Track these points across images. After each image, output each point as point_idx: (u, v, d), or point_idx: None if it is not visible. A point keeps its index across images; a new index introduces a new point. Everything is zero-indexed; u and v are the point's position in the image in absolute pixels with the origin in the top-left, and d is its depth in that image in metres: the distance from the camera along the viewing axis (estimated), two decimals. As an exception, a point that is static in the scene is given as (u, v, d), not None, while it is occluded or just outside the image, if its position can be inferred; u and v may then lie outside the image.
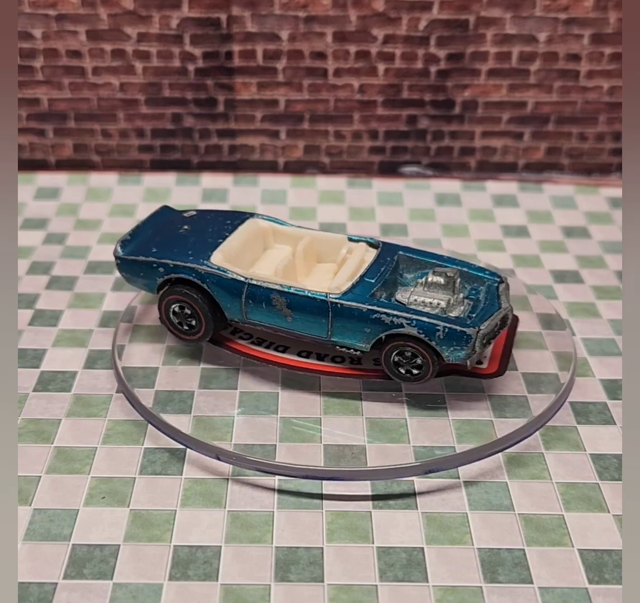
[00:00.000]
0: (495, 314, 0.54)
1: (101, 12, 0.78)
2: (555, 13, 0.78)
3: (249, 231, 0.61)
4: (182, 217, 0.64)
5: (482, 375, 0.56)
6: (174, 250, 0.58)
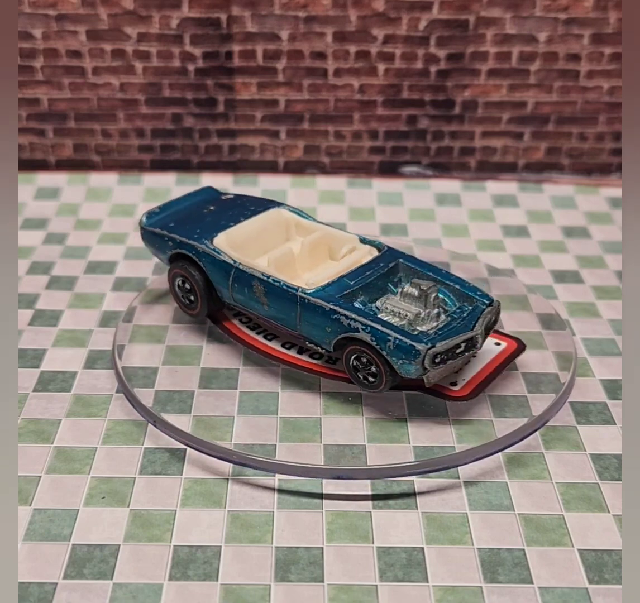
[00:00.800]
0: (459, 335, 0.52)
1: (101, 12, 0.78)
2: (555, 13, 0.78)
3: (268, 220, 0.62)
4: (216, 198, 0.65)
5: (447, 396, 0.54)
6: (186, 227, 0.61)
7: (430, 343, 0.51)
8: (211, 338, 0.62)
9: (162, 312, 0.65)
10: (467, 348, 0.53)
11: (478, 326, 0.53)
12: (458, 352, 0.52)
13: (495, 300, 0.55)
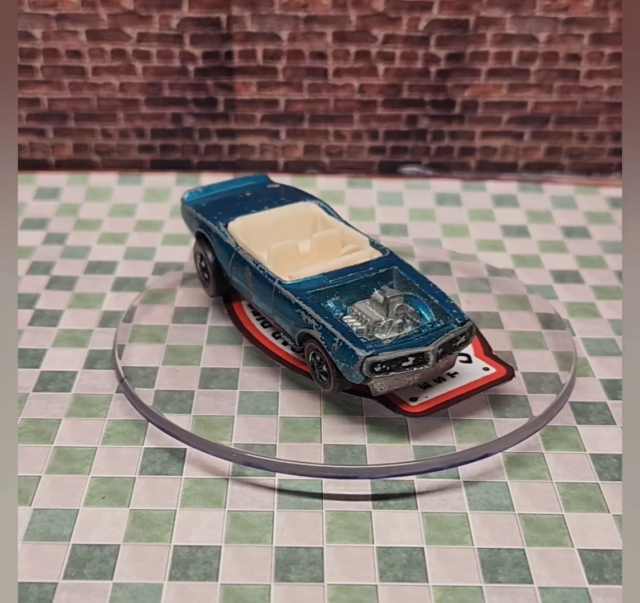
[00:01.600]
0: (407, 349, 0.51)
1: (101, 12, 0.78)
2: (555, 13, 0.78)
3: (293, 212, 0.62)
4: (261, 186, 0.66)
5: (399, 409, 0.53)
6: (213, 209, 0.63)
7: (371, 351, 0.50)
8: (211, 338, 0.62)
9: (162, 312, 0.65)
10: (416, 364, 0.51)
11: (433, 344, 0.51)
12: (405, 365, 0.51)
13: (468, 321, 0.53)
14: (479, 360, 0.57)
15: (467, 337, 0.53)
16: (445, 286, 0.67)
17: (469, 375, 0.56)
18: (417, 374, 0.52)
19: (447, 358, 0.53)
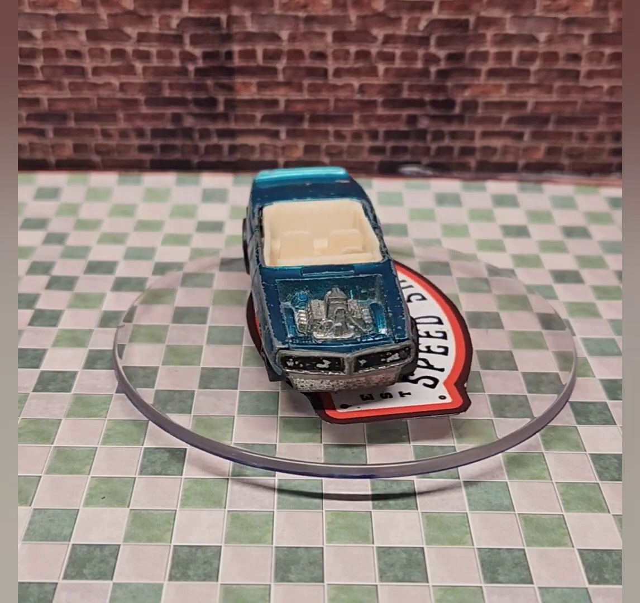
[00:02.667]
0: (321, 351, 0.50)
1: (101, 12, 0.78)
2: (555, 13, 0.78)
3: (332, 207, 0.63)
4: (329, 179, 0.66)
5: (321, 411, 0.52)
6: (266, 192, 0.64)
7: (285, 345, 0.50)
8: (211, 338, 0.62)
9: (162, 312, 0.65)
10: (331, 368, 0.50)
11: (352, 352, 0.50)
12: (320, 367, 0.50)
13: (406, 340, 0.51)
14: (442, 388, 0.54)
15: (403, 356, 0.51)
16: (445, 286, 0.67)
17: (419, 398, 0.54)
18: (338, 379, 0.51)
19: (379, 373, 0.51)
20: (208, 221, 0.77)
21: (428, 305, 0.62)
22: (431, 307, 0.62)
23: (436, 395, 0.54)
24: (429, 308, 0.62)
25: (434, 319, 0.61)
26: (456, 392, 0.54)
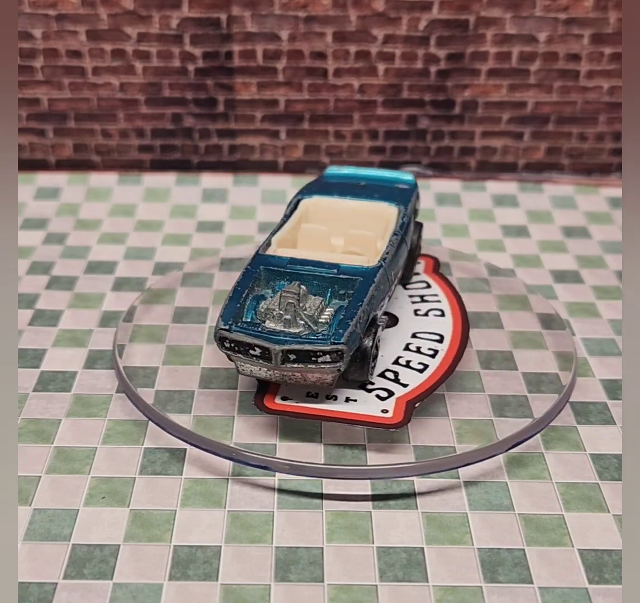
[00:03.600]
0: (255, 338, 0.51)
1: (101, 12, 0.78)
2: (555, 13, 0.78)
3: (368, 208, 0.63)
4: (390, 182, 0.66)
5: (257, 398, 0.53)
6: (320, 185, 0.66)
7: (226, 327, 0.52)
8: (211, 338, 0.62)
9: (162, 312, 0.65)
10: (262, 357, 0.51)
11: (281, 344, 0.50)
12: (252, 353, 0.51)
13: (339, 344, 0.50)
14: (391, 402, 0.53)
15: (334, 359, 0.51)
16: (445, 286, 0.67)
17: (361, 406, 0.53)
18: (271, 369, 0.51)
19: (312, 371, 0.51)
20: (208, 221, 0.77)
21: (441, 323, 0.60)
22: (442, 325, 0.60)
23: (380, 407, 0.53)
24: (440, 325, 0.60)
25: (436, 336, 0.59)
26: (402, 409, 0.53)
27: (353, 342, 0.51)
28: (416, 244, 0.65)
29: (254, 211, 0.79)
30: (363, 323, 0.53)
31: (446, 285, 0.65)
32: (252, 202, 0.80)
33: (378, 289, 0.55)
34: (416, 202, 0.66)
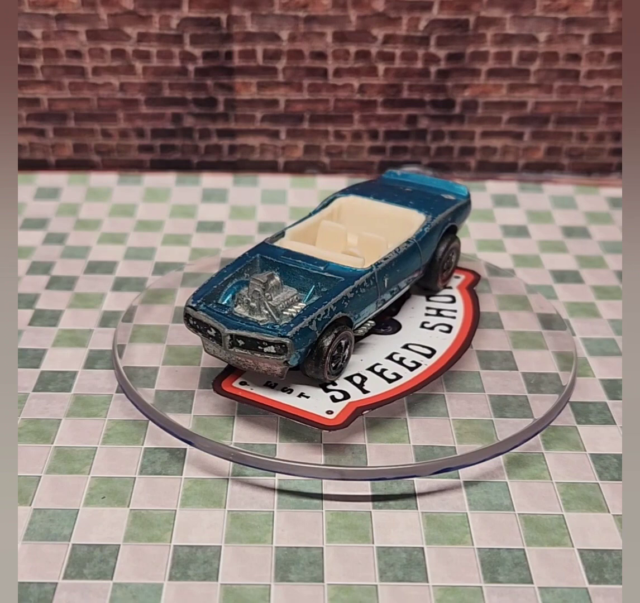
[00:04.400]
0: (214, 319, 0.53)
1: (101, 12, 0.78)
2: (555, 13, 0.78)
3: (397, 214, 0.63)
4: (438, 191, 0.66)
5: (216, 380, 0.55)
6: (368, 187, 0.67)
7: (193, 304, 0.54)
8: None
9: (162, 312, 0.65)
10: (215, 339, 0.53)
11: (228, 329, 0.52)
12: (209, 334, 0.53)
13: (284, 337, 0.51)
14: (341, 405, 0.53)
15: (278, 351, 0.51)
16: (445, 286, 0.67)
17: (309, 404, 0.53)
18: (226, 352, 0.53)
19: (261, 361, 0.52)
20: (208, 221, 0.77)
21: (441, 339, 0.59)
22: (442, 341, 0.59)
23: (327, 408, 0.53)
24: (439, 341, 0.59)
25: (427, 351, 0.58)
26: (348, 414, 0.52)
27: (302, 338, 0.52)
28: (442, 256, 0.62)
29: (254, 211, 0.79)
30: (322, 322, 0.53)
31: (471, 303, 0.63)
32: (252, 202, 0.80)
33: (358, 292, 0.55)
34: (458, 216, 0.64)
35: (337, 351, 0.54)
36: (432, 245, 0.62)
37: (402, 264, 0.59)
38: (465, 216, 0.66)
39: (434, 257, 0.62)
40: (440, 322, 0.61)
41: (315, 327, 0.52)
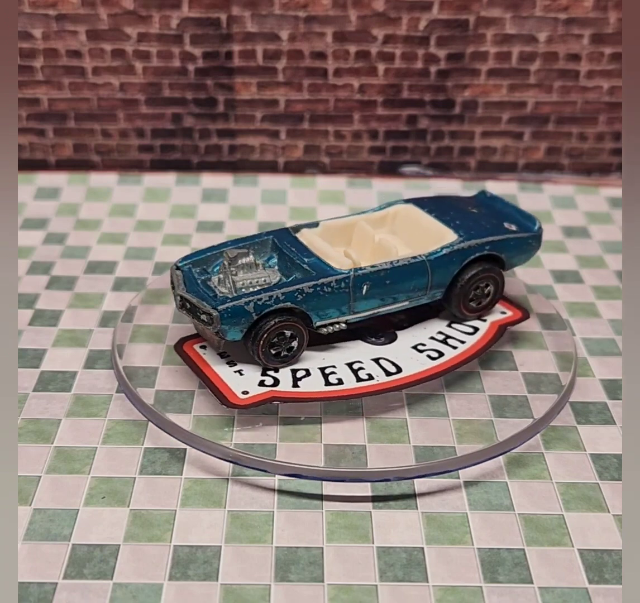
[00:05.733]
0: (177, 278, 0.57)
1: (101, 12, 0.78)
2: (555, 13, 0.78)
3: (436, 231, 0.61)
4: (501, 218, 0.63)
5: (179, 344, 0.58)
6: (434, 201, 0.65)
7: (178, 265, 0.58)
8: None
9: (162, 312, 0.65)
10: (182, 304, 0.56)
11: (179, 290, 0.56)
12: (174, 292, 0.57)
13: (215, 310, 0.53)
14: (261, 389, 0.54)
15: (208, 320, 0.54)
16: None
17: (235, 377, 0.55)
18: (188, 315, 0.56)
19: (205, 329, 0.55)
20: (208, 221, 0.77)
21: (419, 364, 0.57)
22: (416, 366, 0.57)
23: (245, 388, 0.54)
24: (414, 365, 0.57)
25: (393, 368, 0.56)
26: (259, 399, 0.53)
27: (234, 316, 0.53)
28: (466, 283, 0.59)
29: (254, 211, 0.79)
30: (262, 307, 0.54)
31: (488, 341, 0.59)
32: (252, 202, 0.80)
33: (320, 289, 0.55)
34: (506, 248, 0.60)
35: (279, 339, 0.55)
36: (451, 269, 0.59)
37: (398, 278, 0.57)
38: (524, 251, 0.61)
39: (455, 281, 0.59)
40: (436, 349, 0.58)
41: (253, 309, 0.54)
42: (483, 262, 0.60)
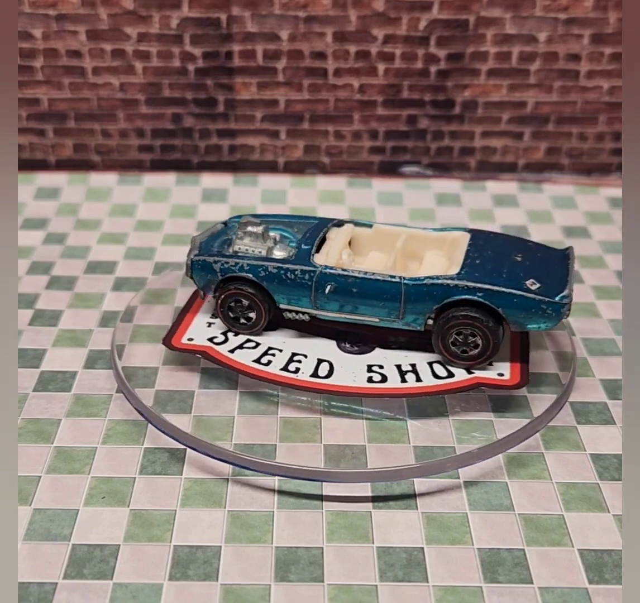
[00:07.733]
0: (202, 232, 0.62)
1: (101, 12, 0.78)
2: (555, 13, 0.78)
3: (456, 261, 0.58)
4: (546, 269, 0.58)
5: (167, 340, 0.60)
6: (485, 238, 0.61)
7: (223, 223, 0.64)
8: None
9: (162, 312, 0.65)
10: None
11: (191, 254, 0.60)
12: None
13: (187, 257, 0.60)
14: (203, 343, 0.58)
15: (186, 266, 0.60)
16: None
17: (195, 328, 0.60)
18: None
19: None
20: (208, 221, 0.77)
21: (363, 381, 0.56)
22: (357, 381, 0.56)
23: (191, 337, 0.59)
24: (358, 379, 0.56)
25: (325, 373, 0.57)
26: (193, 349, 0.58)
27: (202, 269, 0.59)
28: (440, 324, 0.55)
29: (254, 211, 0.79)
30: (226, 270, 0.59)
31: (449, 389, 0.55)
32: (252, 202, 0.80)
33: (284, 274, 0.57)
34: (504, 302, 0.54)
35: (236, 305, 0.59)
36: (429, 301, 0.55)
37: (367, 290, 0.56)
38: (535, 315, 0.55)
39: (436, 317, 0.56)
40: (386, 374, 0.56)
41: (219, 270, 0.59)
42: (475, 308, 0.55)
